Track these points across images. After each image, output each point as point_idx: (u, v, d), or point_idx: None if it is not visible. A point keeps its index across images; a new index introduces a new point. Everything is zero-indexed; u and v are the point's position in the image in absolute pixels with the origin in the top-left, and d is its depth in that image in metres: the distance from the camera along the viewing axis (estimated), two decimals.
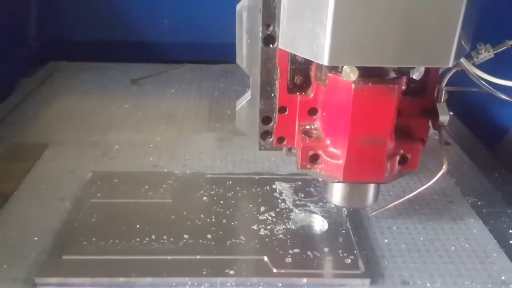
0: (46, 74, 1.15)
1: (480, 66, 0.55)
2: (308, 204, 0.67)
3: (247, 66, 0.57)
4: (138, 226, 0.62)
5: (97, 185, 0.70)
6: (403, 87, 0.53)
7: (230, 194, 0.69)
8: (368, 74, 0.50)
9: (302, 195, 0.69)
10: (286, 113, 0.58)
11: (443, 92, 0.57)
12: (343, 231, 0.62)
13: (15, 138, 0.85)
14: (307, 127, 0.58)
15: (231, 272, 0.55)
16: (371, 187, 0.58)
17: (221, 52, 0.95)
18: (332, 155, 0.55)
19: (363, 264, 0.56)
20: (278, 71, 0.56)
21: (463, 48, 0.48)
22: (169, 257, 0.57)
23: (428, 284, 0.56)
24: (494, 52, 0.55)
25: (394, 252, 0.60)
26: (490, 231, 0.65)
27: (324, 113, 0.56)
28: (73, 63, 1.21)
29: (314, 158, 0.56)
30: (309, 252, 0.58)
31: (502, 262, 0.59)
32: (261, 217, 0.64)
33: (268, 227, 0.62)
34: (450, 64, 0.46)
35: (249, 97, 0.59)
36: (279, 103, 0.58)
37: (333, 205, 0.65)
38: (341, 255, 0.58)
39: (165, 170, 0.76)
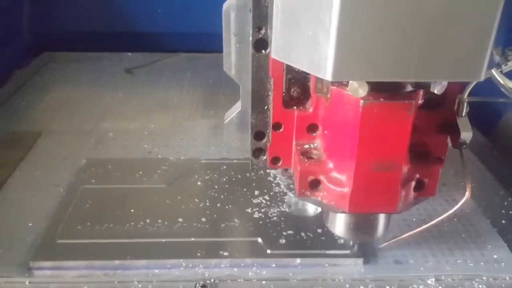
0: (40, 65, 1.15)
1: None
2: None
3: (236, 74, 0.50)
4: (132, 210, 0.62)
5: (91, 171, 0.70)
6: (420, 102, 0.46)
7: (224, 179, 0.69)
8: (379, 88, 0.42)
9: None
10: (281, 130, 0.51)
11: (465, 104, 0.50)
12: None
13: (9, 126, 0.85)
14: (306, 146, 0.50)
15: (225, 253, 0.55)
16: (382, 217, 0.51)
17: (215, 41, 0.94)
18: (335, 181, 0.47)
19: (356, 244, 0.57)
20: (272, 82, 0.49)
21: (494, 57, 0.41)
22: (163, 240, 0.57)
23: (421, 264, 0.56)
24: None
25: (387, 233, 0.60)
26: (483, 212, 0.65)
27: (325, 131, 0.49)
28: (67, 53, 1.20)
29: (315, 184, 0.48)
30: (302, 234, 0.58)
31: (495, 241, 0.60)
32: (255, 201, 0.64)
33: (262, 210, 0.63)
34: (482, 78, 0.39)
35: (240, 108, 0.52)
36: (273, 119, 0.50)
37: None
38: (334, 235, 0.58)
39: (159, 156, 0.76)
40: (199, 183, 0.69)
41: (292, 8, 0.40)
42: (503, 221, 0.64)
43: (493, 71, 0.47)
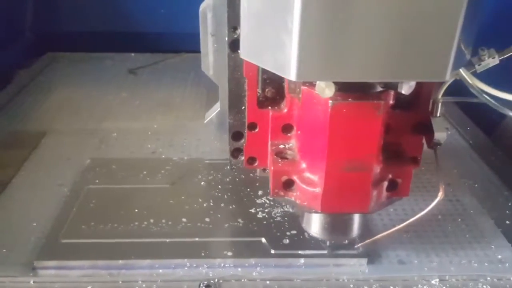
0: (43, 65, 1.15)
1: (484, 76, 0.49)
2: None
3: (214, 74, 0.50)
4: (136, 210, 0.62)
5: (95, 171, 0.70)
6: (391, 102, 0.46)
7: (228, 179, 0.69)
8: (349, 88, 0.42)
9: None
10: (256, 130, 0.51)
11: (439, 104, 0.50)
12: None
13: (13, 126, 0.86)
14: (281, 146, 0.50)
15: (229, 253, 0.55)
16: (356, 217, 0.52)
17: None
18: (308, 181, 0.47)
19: (360, 244, 0.57)
20: (246, 83, 0.49)
21: (463, 56, 0.41)
22: (167, 240, 0.57)
23: (425, 264, 0.56)
24: (500, 58, 0.49)
25: (391, 233, 0.60)
26: (487, 212, 0.65)
27: (299, 132, 0.49)
28: (70, 53, 1.21)
29: (288, 184, 0.49)
30: (306, 234, 0.58)
31: (499, 241, 0.60)
32: (258, 201, 0.64)
33: (266, 210, 0.63)
34: (447, 78, 0.39)
35: (219, 109, 0.53)
36: (248, 119, 0.51)
37: None
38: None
39: (163, 156, 0.76)
40: (202, 183, 0.69)
41: (257, 9, 0.40)
42: (507, 222, 0.64)
43: (462, 71, 0.47)
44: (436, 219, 0.63)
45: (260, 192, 0.66)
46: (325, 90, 0.41)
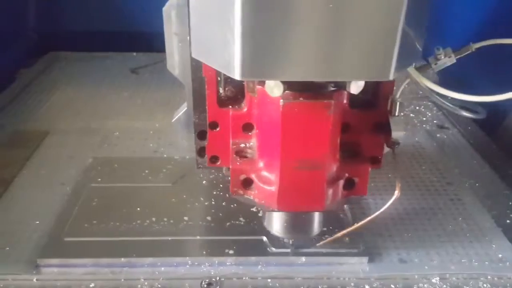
0: (45, 65, 1.16)
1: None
2: None
3: (179, 73, 0.50)
4: (138, 209, 0.62)
5: (97, 170, 0.71)
6: (345, 101, 0.46)
7: (229, 178, 0.69)
8: (301, 87, 0.43)
9: None
10: (218, 129, 0.51)
11: (398, 104, 0.50)
12: (341, 212, 0.62)
13: (15, 126, 0.86)
14: (242, 145, 0.51)
15: (231, 251, 0.56)
16: (316, 215, 0.52)
17: None
18: (265, 180, 0.48)
19: (361, 243, 0.57)
20: (205, 81, 0.49)
21: (410, 55, 0.42)
22: (169, 238, 0.57)
23: (426, 262, 0.56)
24: (456, 57, 0.49)
25: (392, 232, 0.61)
26: (488, 211, 0.65)
27: (257, 130, 0.49)
28: (72, 53, 1.21)
29: (247, 183, 0.49)
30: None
31: (500, 240, 0.60)
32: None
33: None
34: (391, 77, 0.39)
35: (186, 108, 0.53)
36: (209, 118, 0.51)
37: None
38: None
39: (165, 155, 0.77)
40: (204, 182, 0.69)
41: (203, 7, 0.40)
42: (508, 221, 0.64)
43: (409, 70, 0.47)
44: (437, 218, 0.64)
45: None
46: (274, 89, 0.41)
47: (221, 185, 0.68)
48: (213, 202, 0.64)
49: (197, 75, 0.49)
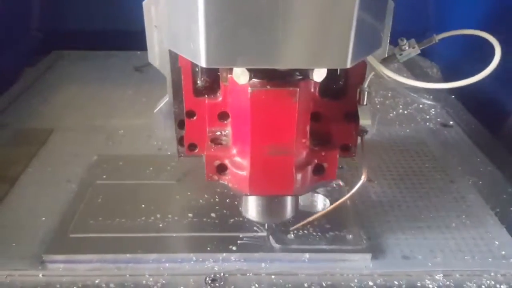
0: (49, 63, 1.16)
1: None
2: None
3: (160, 65, 0.52)
4: (143, 206, 0.63)
5: (102, 167, 0.71)
6: (312, 90, 0.48)
7: None
8: (269, 76, 0.45)
9: None
10: (195, 117, 0.53)
11: (365, 93, 0.51)
12: (344, 209, 0.62)
13: (20, 124, 0.87)
14: (218, 133, 0.53)
15: (235, 248, 0.56)
16: (288, 199, 0.54)
17: None
18: (238, 165, 0.50)
19: (364, 240, 0.57)
20: (181, 71, 0.51)
21: (370, 43, 0.43)
22: (174, 234, 0.58)
23: (429, 259, 0.56)
24: (421, 48, 0.49)
25: (395, 229, 0.61)
26: (491, 209, 0.65)
27: (231, 119, 0.52)
28: (76, 51, 1.22)
29: (222, 169, 0.52)
30: (311, 229, 0.59)
31: (503, 237, 0.60)
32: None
33: None
34: (348, 65, 0.40)
35: (167, 98, 0.55)
36: (185, 107, 0.53)
37: (334, 185, 0.66)
38: (342, 231, 0.58)
39: (169, 153, 0.77)
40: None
41: None
42: (511, 218, 0.64)
43: (369, 59, 0.48)
44: (440, 215, 0.64)
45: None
46: (241, 77, 0.43)
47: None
48: (217, 199, 0.64)
49: (175, 65, 0.51)
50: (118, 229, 0.58)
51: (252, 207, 0.54)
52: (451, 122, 0.90)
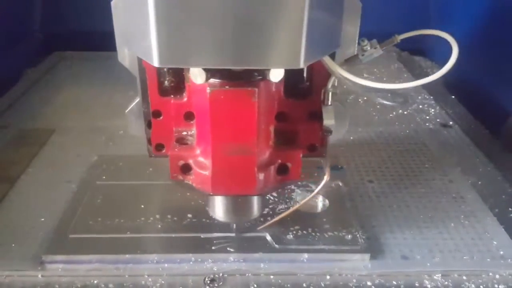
0: (51, 64, 1.17)
1: None
2: (310, 184, 0.68)
3: (130, 65, 0.52)
4: (142, 206, 0.63)
5: (102, 168, 0.71)
6: (274, 89, 0.48)
7: None
8: (228, 76, 0.45)
9: (303, 175, 0.69)
10: (161, 117, 0.54)
11: (330, 94, 0.52)
12: (344, 210, 0.63)
13: (21, 124, 0.87)
14: (184, 133, 0.53)
15: (234, 248, 0.56)
16: (255, 198, 0.54)
17: None
18: (201, 165, 0.51)
19: (363, 240, 0.57)
20: (145, 71, 0.51)
21: (325, 44, 0.43)
22: (173, 235, 0.58)
23: (428, 259, 0.56)
24: (383, 48, 0.49)
25: (394, 229, 0.61)
26: (490, 209, 0.65)
27: (195, 119, 0.52)
28: (77, 52, 1.22)
29: (186, 169, 0.52)
30: (310, 229, 0.59)
31: (501, 237, 0.60)
32: (293, 196, 0.65)
33: (270, 206, 0.63)
34: (301, 65, 0.40)
35: (138, 99, 0.55)
36: (151, 107, 0.53)
37: (333, 184, 0.67)
38: (341, 231, 0.58)
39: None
40: None
41: None
42: (510, 218, 0.64)
43: (325, 59, 0.48)
44: (439, 215, 0.64)
45: (293, 187, 0.66)
46: (197, 77, 0.43)
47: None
48: None
49: (143, 65, 0.51)
50: (118, 229, 0.59)
51: (218, 207, 0.54)
52: (450, 122, 0.90)
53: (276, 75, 0.45)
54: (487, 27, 1.02)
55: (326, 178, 0.53)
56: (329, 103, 0.52)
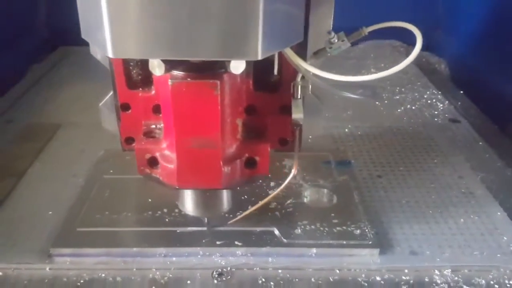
0: (56, 60, 1.17)
1: None
2: (318, 179, 0.67)
3: (101, 58, 0.52)
4: (150, 200, 0.63)
5: (109, 162, 0.71)
6: (240, 83, 0.48)
7: None
8: (191, 68, 0.45)
9: (312, 170, 0.69)
10: (129, 111, 0.53)
11: (299, 87, 0.51)
12: (352, 204, 0.62)
13: (27, 120, 0.87)
14: (153, 126, 0.53)
15: (242, 242, 0.56)
16: (224, 192, 0.54)
17: None
18: (167, 159, 0.50)
19: (372, 235, 0.57)
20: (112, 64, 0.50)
21: (286, 35, 0.42)
22: (180, 229, 0.58)
23: (437, 255, 0.56)
24: (351, 41, 0.48)
25: (403, 224, 0.61)
26: (500, 205, 0.65)
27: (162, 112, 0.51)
28: (82, 47, 1.21)
29: (153, 162, 0.51)
30: (318, 224, 0.58)
31: (511, 233, 0.59)
32: (271, 192, 0.65)
33: (278, 200, 0.63)
34: (259, 57, 0.39)
35: (112, 92, 0.54)
36: (119, 100, 0.52)
37: (341, 179, 0.66)
38: (350, 226, 0.58)
39: None
40: None
41: None
42: None
43: (286, 51, 0.47)
44: (448, 211, 0.63)
45: (272, 184, 0.66)
46: (156, 68, 0.43)
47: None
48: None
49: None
50: (125, 223, 0.58)
51: (187, 201, 0.54)
52: (459, 118, 0.89)
53: (237, 67, 0.44)
54: (496, 23, 1.01)
55: (293, 172, 0.52)
56: (299, 97, 0.51)
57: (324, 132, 0.82)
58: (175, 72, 0.45)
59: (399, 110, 0.92)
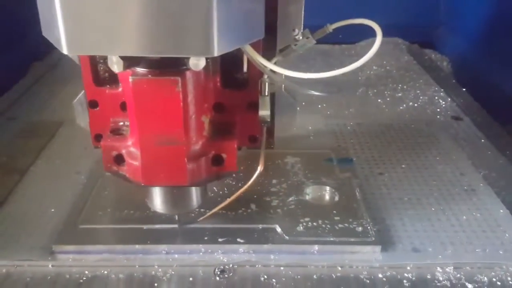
0: (58, 57, 1.16)
1: None
2: (320, 176, 0.67)
3: (74, 55, 0.51)
4: None
5: None
6: (204, 80, 0.47)
7: (242, 168, 0.69)
8: (152, 65, 0.44)
9: (313, 168, 0.69)
10: (97, 108, 0.53)
11: (266, 84, 0.51)
12: (354, 202, 0.62)
13: (29, 117, 0.87)
14: (121, 123, 0.52)
15: (244, 240, 0.56)
16: (193, 189, 0.53)
17: None
18: (133, 156, 0.49)
19: (374, 232, 0.57)
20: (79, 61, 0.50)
21: (243, 32, 0.42)
22: (183, 226, 0.58)
23: (440, 252, 0.56)
24: (316, 38, 0.48)
25: (405, 221, 0.61)
26: (502, 202, 0.65)
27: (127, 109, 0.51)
28: None
29: (119, 159, 0.51)
30: (320, 221, 0.58)
31: None
32: (273, 189, 0.65)
33: (280, 198, 0.63)
34: (215, 53, 0.39)
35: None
36: (87, 97, 0.52)
37: (343, 177, 0.66)
38: (352, 223, 0.58)
39: None
40: None
41: None
42: None
43: (246, 48, 0.46)
44: (450, 208, 0.63)
45: (274, 181, 0.66)
46: (115, 65, 0.42)
47: (233, 175, 0.68)
48: (226, 191, 0.64)
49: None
50: (127, 220, 0.59)
51: (156, 199, 0.54)
52: (461, 115, 0.89)
53: (196, 64, 0.43)
54: (498, 20, 1.01)
55: (260, 169, 0.52)
56: (266, 94, 0.51)
57: (325, 129, 0.82)
58: (138, 69, 0.45)
59: (401, 108, 0.92)
